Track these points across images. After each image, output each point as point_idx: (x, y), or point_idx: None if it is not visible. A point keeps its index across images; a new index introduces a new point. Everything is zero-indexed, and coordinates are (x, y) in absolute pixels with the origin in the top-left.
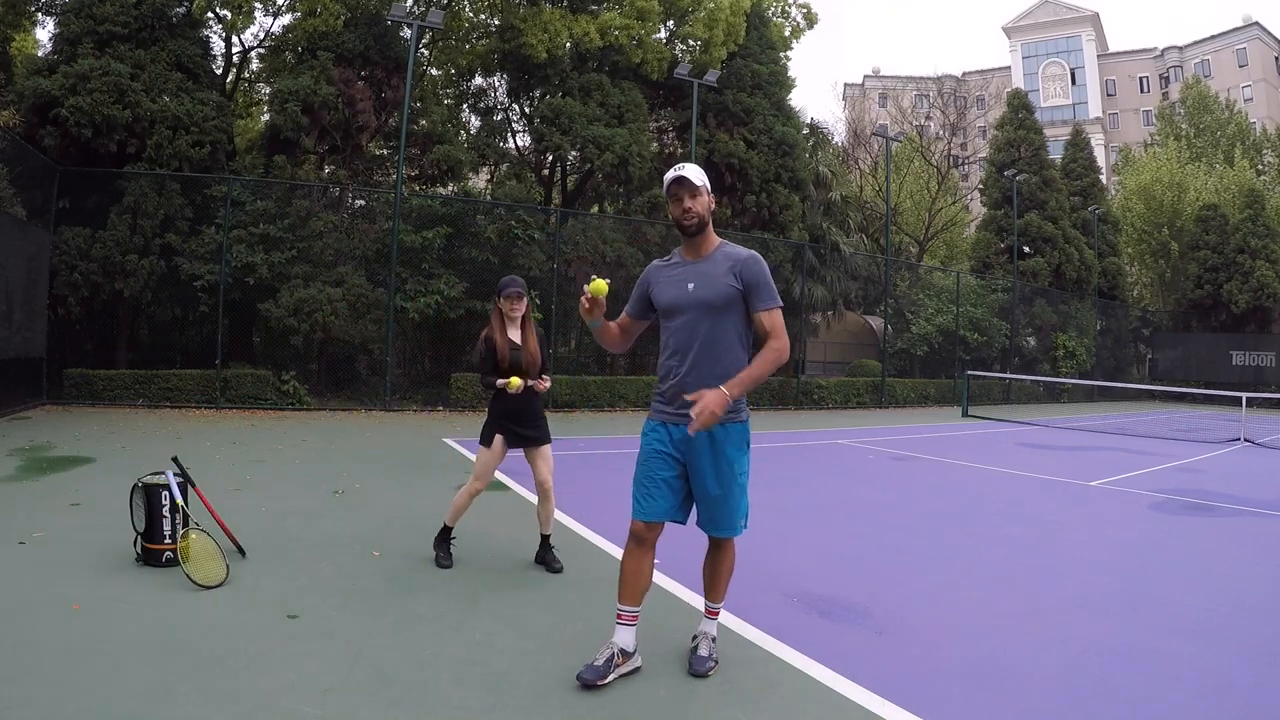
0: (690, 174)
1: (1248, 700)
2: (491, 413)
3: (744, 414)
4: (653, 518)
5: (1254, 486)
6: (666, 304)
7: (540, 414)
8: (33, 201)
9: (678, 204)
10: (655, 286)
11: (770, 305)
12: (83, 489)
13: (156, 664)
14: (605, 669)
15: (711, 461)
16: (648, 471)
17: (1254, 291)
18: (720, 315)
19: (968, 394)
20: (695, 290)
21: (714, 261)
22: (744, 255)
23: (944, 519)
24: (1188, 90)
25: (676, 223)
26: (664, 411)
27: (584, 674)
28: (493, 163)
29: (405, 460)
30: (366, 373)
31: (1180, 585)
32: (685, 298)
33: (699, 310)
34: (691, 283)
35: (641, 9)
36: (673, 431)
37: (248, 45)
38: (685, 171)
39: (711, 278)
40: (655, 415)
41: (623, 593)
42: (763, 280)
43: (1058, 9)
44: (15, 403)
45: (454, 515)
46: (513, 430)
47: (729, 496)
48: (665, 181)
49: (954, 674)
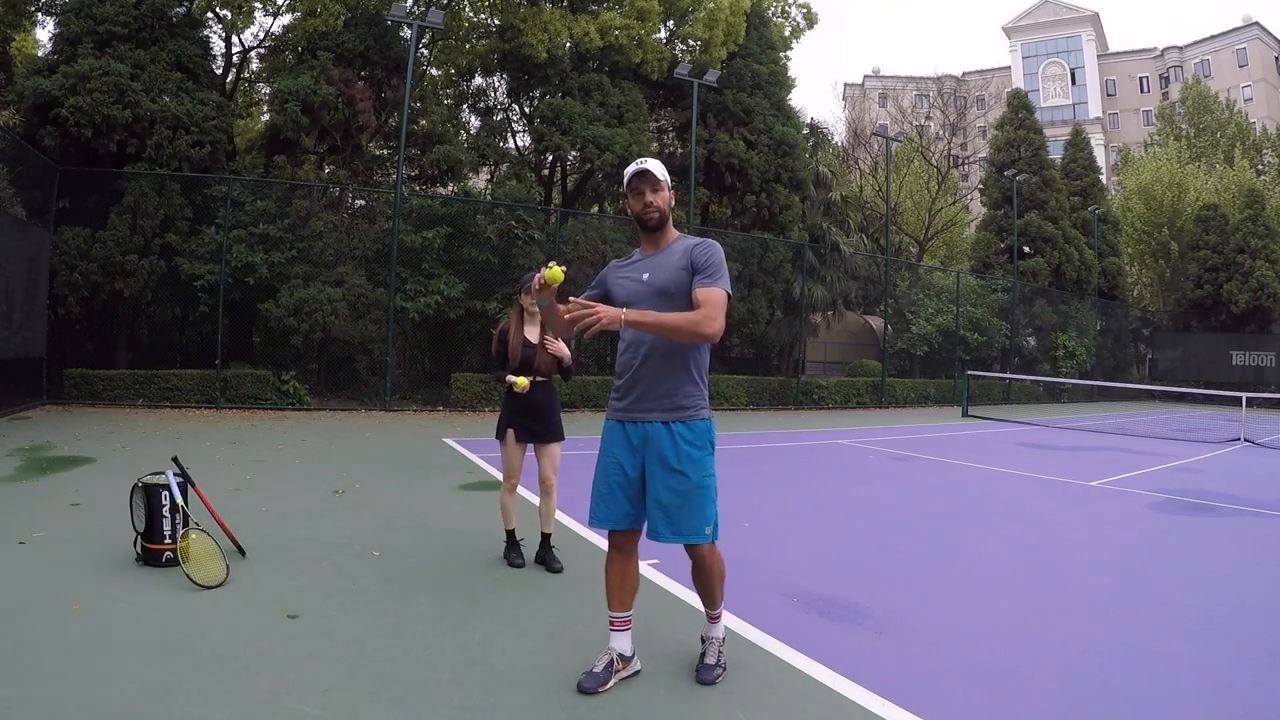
0: (653, 168)
1: (1248, 700)
2: (504, 407)
3: (706, 411)
4: (607, 525)
5: (1254, 486)
6: (623, 297)
7: (553, 410)
8: (33, 201)
9: (639, 198)
10: (613, 284)
11: (709, 283)
12: (83, 489)
13: (156, 664)
14: (605, 675)
15: (674, 460)
16: (605, 476)
17: (1254, 291)
18: (671, 300)
19: (968, 394)
20: (649, 279)
21: (670, 252)
22: (697, 241)
23: (944, 519)
24: (1188, 90)
25: (637, 217)
26: (620, 410)
27: (584, 682)
28: (493, 163)
29: (405, 460)
30: (366, 373)
31: (1180, 585)
32: (640, 288)
33: (652, 299)
34: (647, 273)
35: (641, 9)
36: (629, 430)
37: (248, 45)
38: (648, 165)
39: (666, 267)
40: (611, 414)
41: (610, 600)
42: (712, 262)
43: (1058, 9)
44: (15, 403)
45: (506, 518)
46: (523, 425)
47: (691, 498)
48: (627, 175)
49: (954, 674)
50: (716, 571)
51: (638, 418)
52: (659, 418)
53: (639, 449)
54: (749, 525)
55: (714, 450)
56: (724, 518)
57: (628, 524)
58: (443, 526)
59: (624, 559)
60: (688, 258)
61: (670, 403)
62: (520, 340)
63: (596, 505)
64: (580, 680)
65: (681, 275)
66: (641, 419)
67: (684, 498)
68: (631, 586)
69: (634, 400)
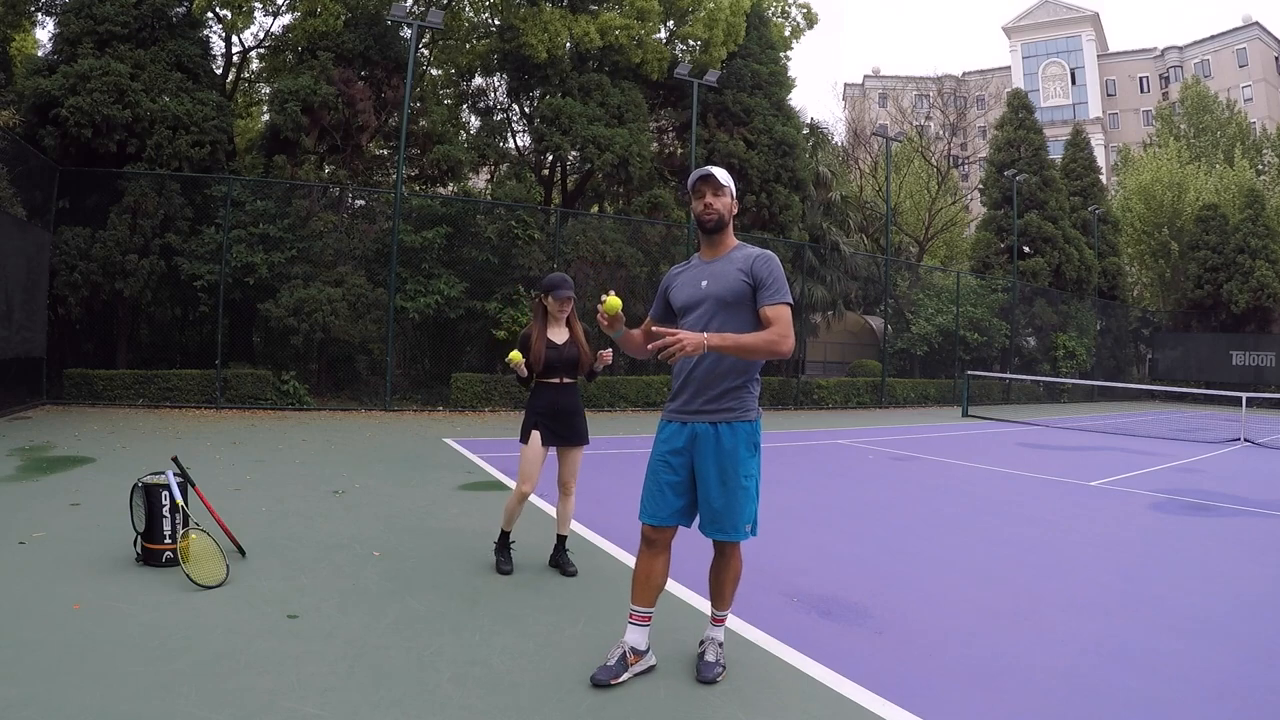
0: (717, 172)
1: (1248, 700)
2: (529, 409)
3: (754, 413)
4: (657, 521)
5: (1254, 486)
6: (682, 302)
7: (580, 413)
8: (33, 201)
9: (700, 199)
10: (673, 288)
11: (776, 300)
12: (83, 489)
13: (156, 664)
14: (618, 668)
15: (716, 460)
16: (655, 473)
17: (1254, 291)
18: (731, 310)
19: (968, 394)
20: (708, 286)
21: (729, 260)
22: (757, 252)
23: (944, 519)
24: (1186, 90)
25: (697, 219)
26: (675, 411)
27: (597, 675)
28: (493, 163)
29: (405, 460)
30: (366, 373)
31: (1180, 585)
32: (699, 294)
33: (711, 305)
34: (705, 280)
35: (641, 9)
36: (679, 429)
37: (248, 45)
38: (713, 169)
39: (724, 275)
40: (667, 415)
41: (635, 593)
42: (773, 276)
43: (1058, 9)
44: (15, 403)
45: (507, 520)
46: (548, 427)
47: (734, 498)
48: (690, 179)
49: (954, 674)
50: (737, 571)
51: (687, 418)
52: (708, 419)
53: (688, 449)
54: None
55: (759, 451)
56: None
57: (674, 521)
58: (443, 526)
59: (654, 555)
60: (748, 268)
61: (718, 404)
62: (544, 343)
63: (647, 500)
64: (595, 674)
65: (741, 286)
66: (691, 419)
67: (728, 497)
68: (657, 584)
69: (685, 400)
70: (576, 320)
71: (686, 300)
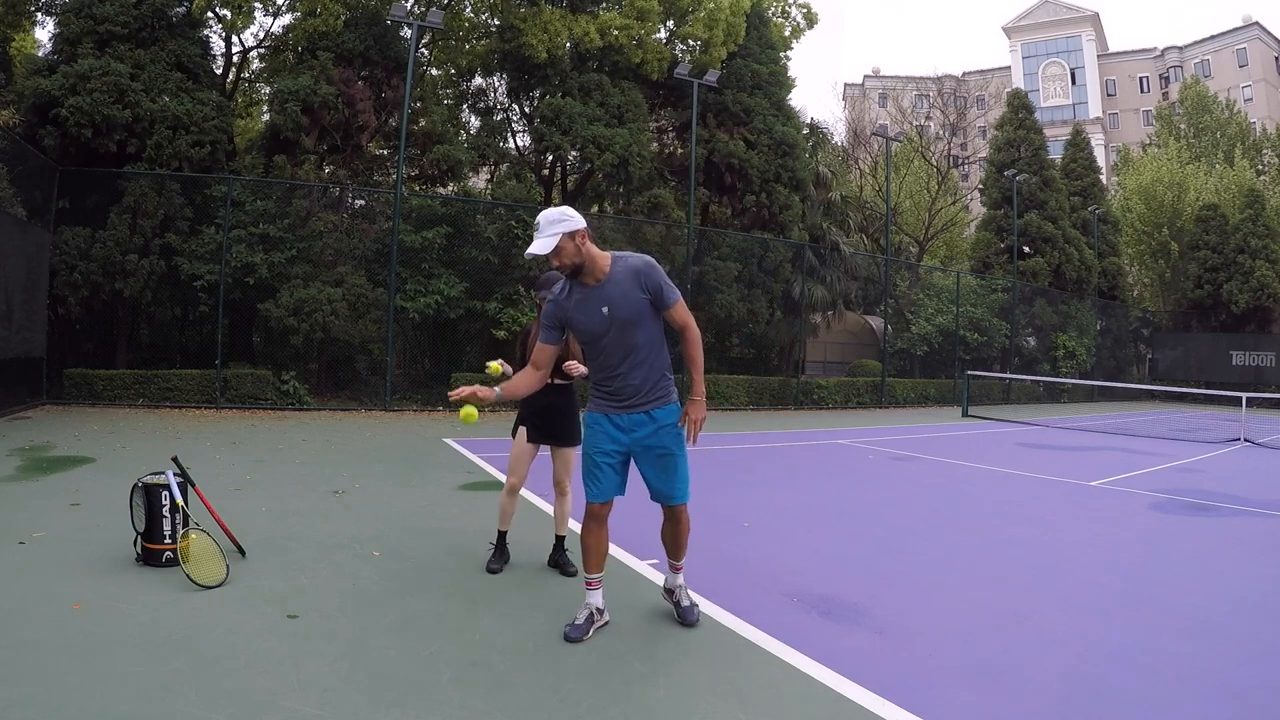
0: (537, 249)
1: (1248, 700)
2: (521, 405)
3: (673, 395)
4: (605, 498)
5: (1254, 486)
6: (590, 330)
7: (569, 413)
8: (33, 201)
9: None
10: (572, 319)
11: (675, 300)
12: (83, 489)
13: (156, 664)
14: (586, 627)
15: (656, 441)
16: (595, 460)
17: (1254, 291)
18: (639, 323)
19: (968, 394)
20: (611, 313)
21: (615, 281)
22: (640, 264)
23: (944, 519)
24: (1187, 90)
25: (557, 269)
26: (609, 405)
27: (571, 632)
28: (493, 163)
29: (405, 460)
30: (366, 373)
31: (1180, 585)
32: (603, 321)
33: (621, 326)
34: (604, 307)
35: (641, 9)
36: (616, 419)
37: (248, 45)
38: (533, 249)
39: (623, 297)
40: (598, 408)
41: (588, 563)
42: (663, 281)
43: (1058, 9)
44: (15, 403)
45: (502, 518)
46: (536, 425)
47: (676, 469)
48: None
49: (954, 674)
50: (687, 525)
51: (627, 409)
52: (644, 408)
53: (627, 432)
54: (749, 525)
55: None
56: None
57: (615, 494)
58: (443, 526)
59: (600, 528)
60: (642, 284)
61: (651, 395)
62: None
63: (592, 484)
64: (569, 632)
65: (642, 303)
66: (630, 411)
67: (671, 468)
68: (604, 551)
69: (626, 399)
70: None
71: (594, 328)
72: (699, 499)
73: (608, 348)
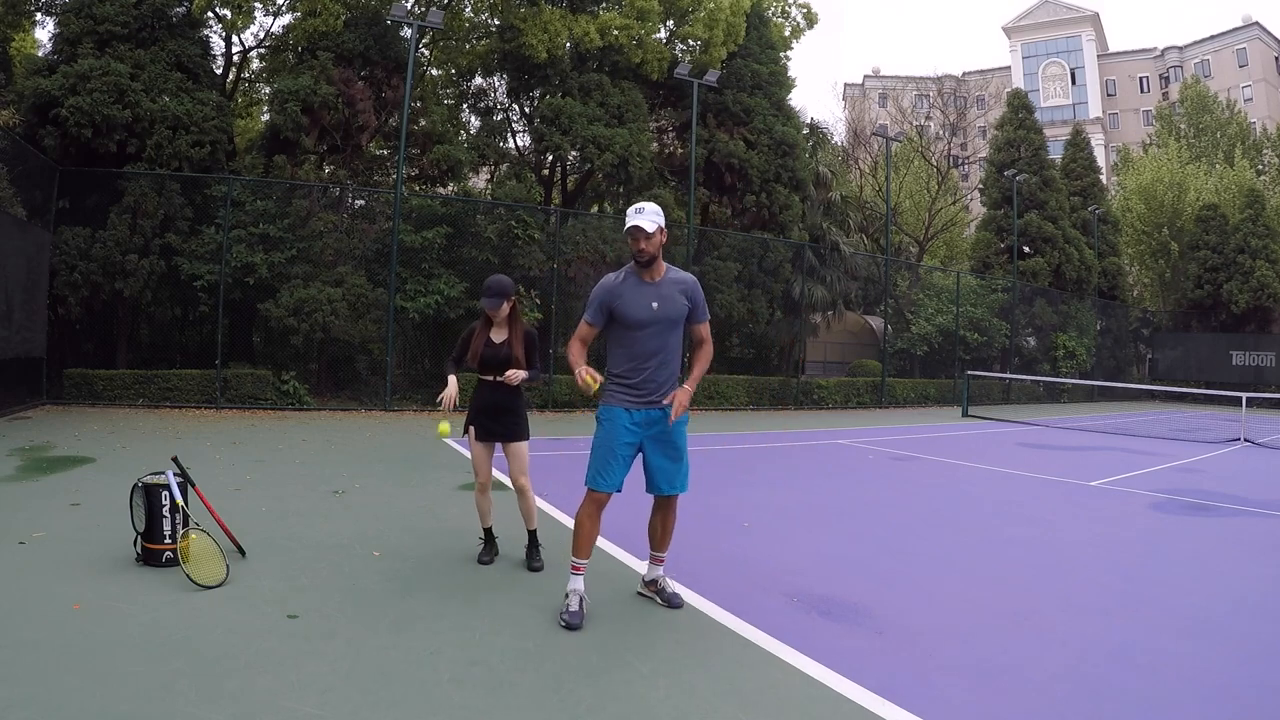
0: (645, 223)
1: (1248, 700)
2: (469, 406)
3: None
4: (613, 488)
5: (1254, 486)
6: (635, 319)
7: (515, 410)
8: (33, 201)
9: (635, 242)
10: (621, 304)
11: (705, 319)
12: (83, 489)
13: (156, 664)
14: (582, 611)
15: (671, 437)
16: (615, 450)
17: (1254, 291)
18: (675, 327)
19: (968, 394)
20: (659, 309)
21: (668, 284)
22: (689, 280)
23: (944, 519)
24: (1187, 90)
25: (634, 255)
26: (630, 399)
27: (572, 620)
28: (493, 163)
29: (405, 460)
30: (366, 373)
31: (1180, 585)
32: (651, 314)
33: (663, 324)
34: (655, 302)
35: (641, 9)
36: (634, 415)
37: (248, 45)
38: (641, 221)
39: (670, 299)
40: (618, 402)
41: (581, 549)
42: (702, 299)
43: (1058, 9)
44: (15, 403)
45: (481, 517)
46: (482, 424)
47: (683, 461)
48: (626, 226)
49: (954, 674)
50: (675, 518)
51: (648, 406)
52: (660, 405)
53: (643, 426)
54: (749, 525)
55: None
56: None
57: (620, 486)
58: (443, 526)
59: (598, 515)
60: (688, 294)
61: (666, 391)
62: (483, 341)
63: (605, 473)
64: (569, 619)
65: (684, 309)
66: (646, 406)
67: (680, 460)
68: (594, 539)
69: (647, 394)
70: (519, 321)
71: (640, 318)
72: (699, 499)
73: (647, 339)
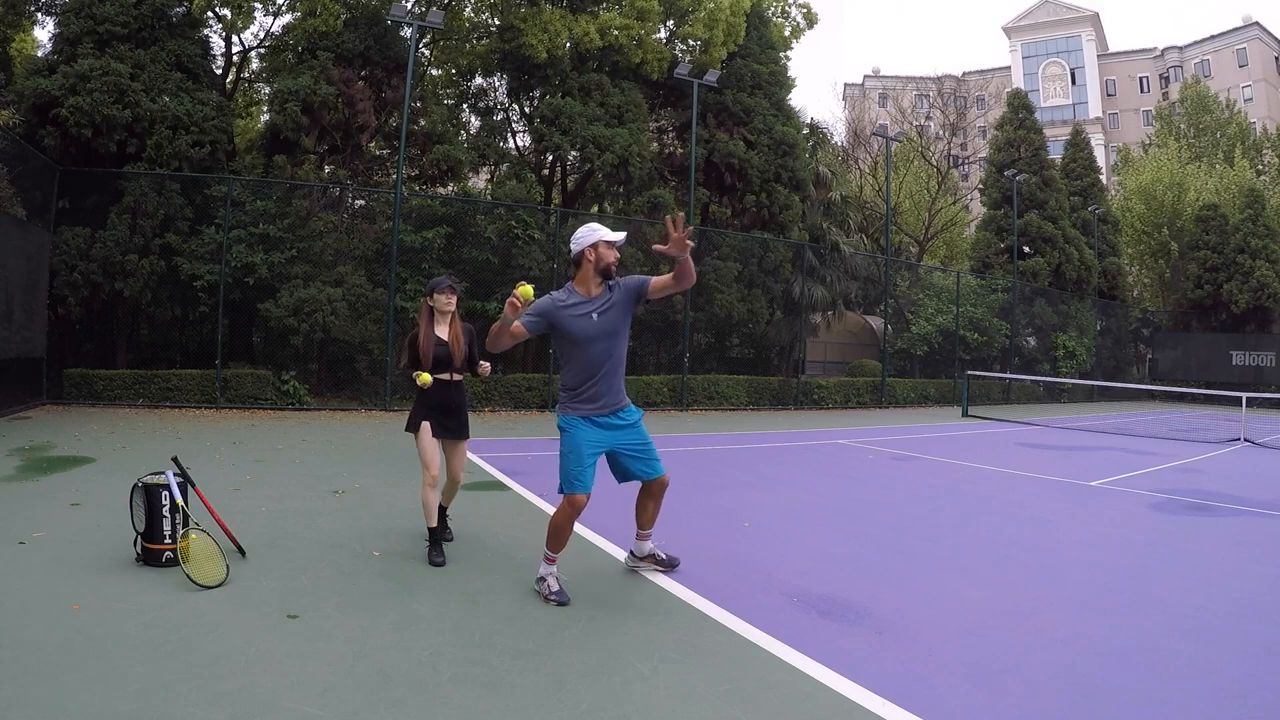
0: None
1: (1247, 700)
2: (418, 404)
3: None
4: (589, 489)
5: (1254, 486)
6: (583, 336)
7: (463, 408)
8: (33, 201)
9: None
10: (566, 323)
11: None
12: (83, 489)
13: (156, 664)
14: (564, 590)
15: (632, 438)
16: (583, 453)
17: (1254, 291)
18: (620, 334)
19: (968, 394)
20: (600, 320)
21: (605, 298)
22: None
23: (944, 519)
24: (1187, 90)
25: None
26: (587, 409)
27: (560, 598)
28: (493, 163)
29: (405, 460)
30: (366, 373)
31: (1180, 585)
32: (594, 327)
33: (608, 336)
34: (595, 314)
35: (641, 9)
36: (597, 421)
37: (248, 45)
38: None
39: (609, 305)
40: (576, 412)
41: (558, 544)
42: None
43: (1058, 9)
44: (15, 403)
45: (427, 515)
46: (439, 421)
47: (651, 451)
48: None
49: (954, 674)
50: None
51: (605, 412)
52: (616, 410)
53: (607, 431)
54: (749, 525)
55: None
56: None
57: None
58: None
59: (576, 518)
60: (623, 297)
61: (619, 400)
62: (431, 340)
63: (580, 477)
64: (555, 598)
65: (628, 315)
66: (607, 413)
67: (648, 453)
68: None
69: (602, 404)
70: (457, 320)
71: (587, 333)
72: (699, 499)
73: (595, 353)
